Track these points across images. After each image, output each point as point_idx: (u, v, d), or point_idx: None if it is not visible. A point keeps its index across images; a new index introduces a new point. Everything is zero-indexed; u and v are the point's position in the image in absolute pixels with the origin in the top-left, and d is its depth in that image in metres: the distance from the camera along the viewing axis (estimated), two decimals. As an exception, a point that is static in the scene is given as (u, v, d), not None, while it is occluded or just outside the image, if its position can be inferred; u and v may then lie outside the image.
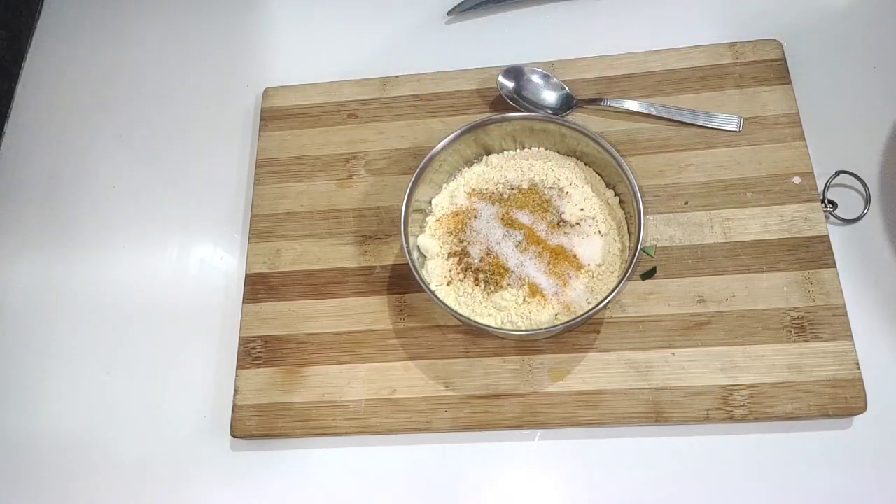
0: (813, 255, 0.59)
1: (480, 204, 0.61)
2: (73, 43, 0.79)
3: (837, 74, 0.67)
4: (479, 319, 0.57)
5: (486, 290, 0.57)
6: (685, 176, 0.63)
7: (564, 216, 0.59)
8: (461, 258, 0.59)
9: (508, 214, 0.59)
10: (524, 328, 0.56)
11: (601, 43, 0.69)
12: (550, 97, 0.67)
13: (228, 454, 0.60)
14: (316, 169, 0.68)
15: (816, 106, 0.65)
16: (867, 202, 0.61)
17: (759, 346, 0.56)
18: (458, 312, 0.56)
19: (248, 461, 0.60)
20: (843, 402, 0.54)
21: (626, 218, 0.59)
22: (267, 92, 0.71)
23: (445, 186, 0.63)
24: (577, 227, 0.59)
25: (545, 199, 0.60)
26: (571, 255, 0.58)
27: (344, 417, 0.58)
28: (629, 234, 0.59)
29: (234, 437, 0.59)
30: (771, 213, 0.60)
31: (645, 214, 0.56)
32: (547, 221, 0.59)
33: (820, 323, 0.56)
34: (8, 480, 0.61)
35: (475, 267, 0.58)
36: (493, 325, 0.56)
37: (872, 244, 0.61)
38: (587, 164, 0.62)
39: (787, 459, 0.55)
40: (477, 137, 0.61)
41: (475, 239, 0.59)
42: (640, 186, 0.56)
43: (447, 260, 0.59)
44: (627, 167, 0.56)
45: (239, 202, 0.69)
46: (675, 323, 0.58)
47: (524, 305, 0.57)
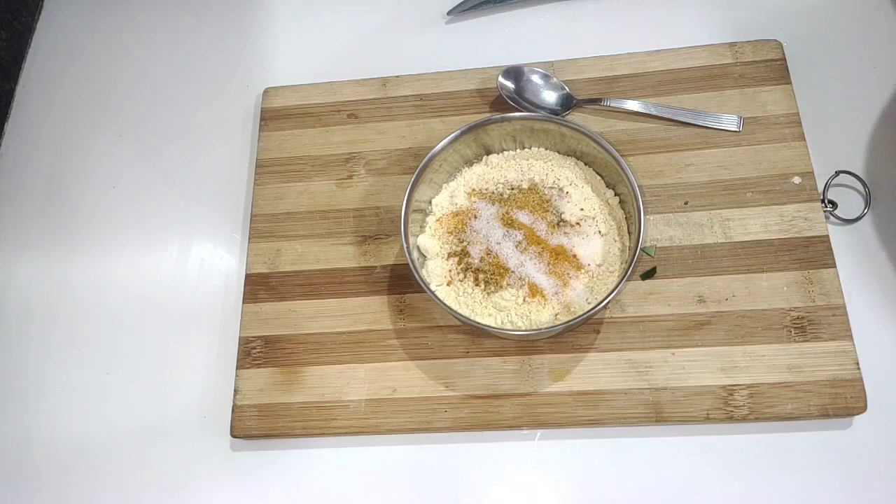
0: (813, 255, 0.59)
1: (480, 204, 0.61)
2: (73, 43, 0.79)
3: (838, 75, 0.66)
4: (479, 319, 0.57)
5: (486, 290, 0.57)
6: (685, 176, 0.63)
7: (564, 216, 0.59)
8: (461, 258, 0.59)
9: (508, 214, 0.59)
10: (524, 328, 0.56)
11: (601, 43, 0.69)
12: (550, 97, 0.67)
13: (228, 454, 0.60)
14: (316, 169, 0.68)
15: (816, 106, 0.65)
16: (867, 202, 0.61)
17: (759, 346, 0.56)
18: (458, 312, 0.56)
19: (248, 461, 0.60)
20: (843, 402, 0.54)
21: (626, 218, 0.59)
22: (267, 92, 0.71)
23: (445, 186, 0.63)
24: (577, 227, 0.59)
25: (545, 199, 0.60)
26: (571, 255, 0.58)
27: (344, 417, 0.58)
28: (629, 234, 0.59)
29: (234, 437, 0.59)
30: (771, 213, 0.60)
31: (645, 214, 0.56)
32: (547, 221, 0.59)
33: (820, 323, 0.56)
34: (8, 480, 0.61)
35: (475, 267, 0.58)
36: (493, 325, 0.56)
37: (872, 244, 0.61)
38: (587, 164, 0.62)
39: (786, 459, 0.55)
40: (477, 137, 0.61)
41: (475, 239, 0.59)
42: (640, 186, 0.56)
43: (447, 260, 0.59)
44: (627, 167, 0.56)
45: (239, 202, 0.69)
46: (675, 323, 0.58)
47: (524, 305, 0.57)
